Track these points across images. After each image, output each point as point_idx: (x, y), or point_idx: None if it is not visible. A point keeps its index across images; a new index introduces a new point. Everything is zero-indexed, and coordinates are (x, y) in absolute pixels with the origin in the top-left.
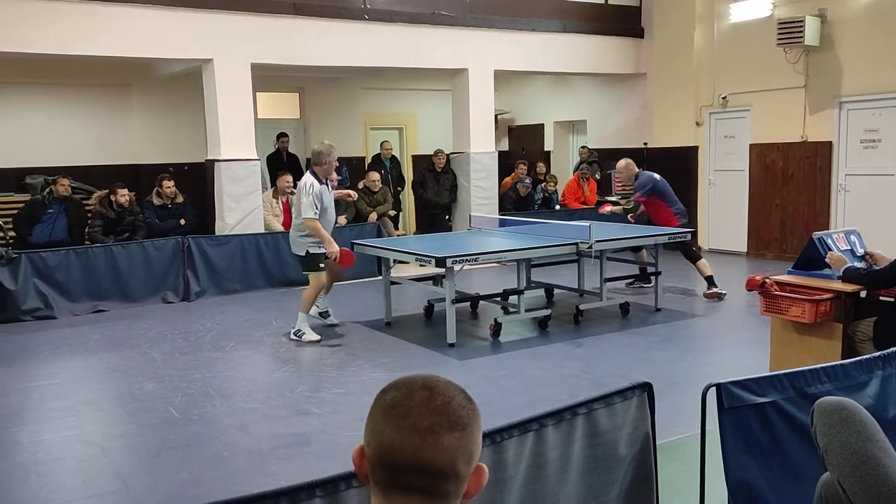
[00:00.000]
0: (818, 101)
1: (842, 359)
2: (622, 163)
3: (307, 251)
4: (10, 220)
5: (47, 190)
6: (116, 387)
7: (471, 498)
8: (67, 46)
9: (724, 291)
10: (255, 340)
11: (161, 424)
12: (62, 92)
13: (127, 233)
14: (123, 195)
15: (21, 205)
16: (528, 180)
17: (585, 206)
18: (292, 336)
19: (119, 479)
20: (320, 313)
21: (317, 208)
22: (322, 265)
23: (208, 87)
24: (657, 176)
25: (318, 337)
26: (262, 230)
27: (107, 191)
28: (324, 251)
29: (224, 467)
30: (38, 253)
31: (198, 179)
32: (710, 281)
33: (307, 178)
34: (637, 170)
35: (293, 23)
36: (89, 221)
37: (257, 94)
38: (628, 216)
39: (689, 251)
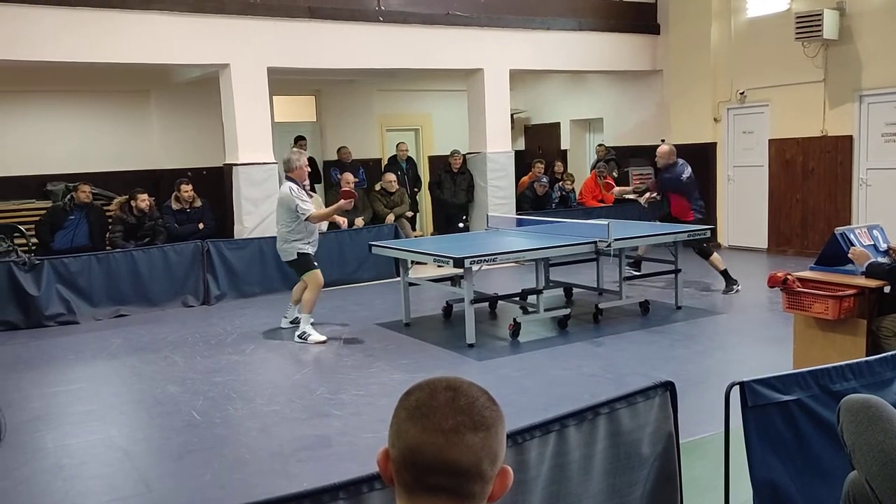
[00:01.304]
0: (838, 95)
1: (866, 355)
2: (665, 148)
3: (298, 253)
4: (33, 226)
5: (68, 196)
6: (139, 391)
7: (496, 501)
8: (86, 54)
9: (738, 285)
10: (275, 343)
11: (184, 428)
12: (81, 99)
13: (147, 238)
14: (143, 200)
15: (43, 211)
16: (545, 179)
17: (603, 205)
18: (297, 339)
19: (143, 483)
20: (290, 322)
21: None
22: (315, 263)
23: (225, 92)
24: (686, 174)
25: (323, 338)
26: None
27: (127, 196)
28: (309, 252)
29: (246, 470)
30: (60, 259)
31: (216, 184)
32: (725, 275)
33: (288, 184)
34: (676, 160)
35: (308, 26)
36: (110, 227)
37: (274, 97)
38: (641, 199)
39: (702, 247)
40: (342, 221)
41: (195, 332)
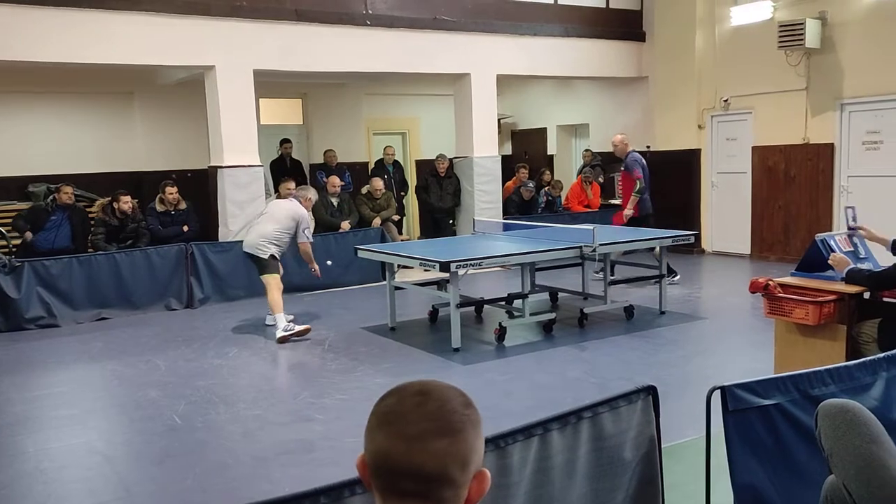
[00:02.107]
0: (820, 104)
1: (846, 360)
2: (619, 137)
3: (271, 255)
4: (11, 227)
5: (50, 198)
6: (120, 395)
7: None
8: (70, 55)
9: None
10: (258, 347)
11: (165, 432)
12: (65, 100)
13: (130, 240)
14: (126, 202)
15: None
16: (531, 184)
17: (589, 210)
18: (281, 334)
19: (123, 488)
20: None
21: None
22: (280, 268)
23: (211, 94)
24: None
25: (307, 326)
26: None
27: (110, 198)
28: (277, 256)
29: (228, 474)
30: (40, 261)
31: (201, 186)
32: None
33: (302, 208)
34: (625, 146)
35: (295, 29)
36: (92, 229)
37: (260, 100)
38: (632, 208)
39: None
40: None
41: (178, 336)
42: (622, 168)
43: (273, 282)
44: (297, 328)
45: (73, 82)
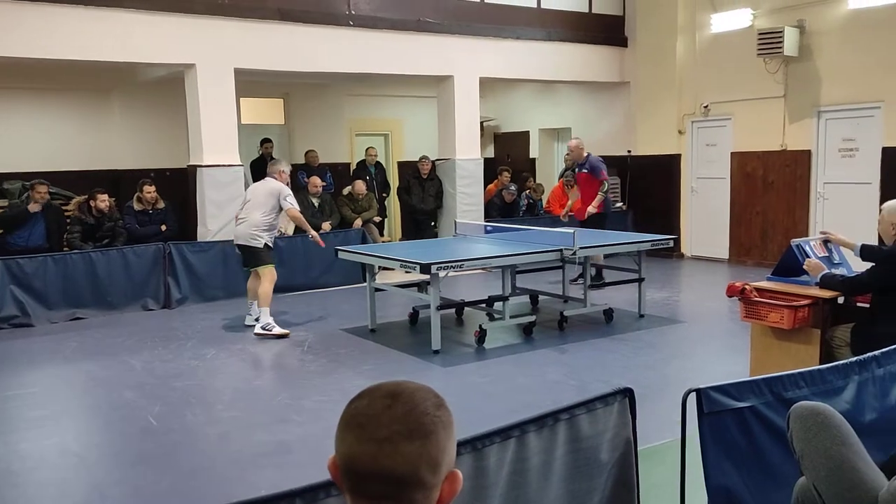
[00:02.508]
0: (797, 111)
1: (820, 364)
2: (574, 142)
3: (266, 244)
4: None
5: (25, 195)
6: (94, 396)
7: None
8: (48, 51)
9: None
10: (236, 348)
11: (140, 434)
12: (42, 97)
13: (106, 239)
14: (103, 201)
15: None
16: (513, 187)
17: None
18: (260, 330)
19: (95, 490)
20: (256, 319)
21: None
22: (266, 262)
23: (191, 92)
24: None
25: (286, 331)
26: None
27: (86, 196)
28: (272, 245)
29: (204, 477)
30: (14, 259)
31: (180, 185)
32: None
33: (278, 182)
34: (582, 150)
35: (277, 28)
36: (68, 227)
37: (241, 99)
38: (597, 205)
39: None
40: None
41: (154, 336)
42: (583, 170)
43: (268, 273)
44: (277, 330)
45: (51, 78)
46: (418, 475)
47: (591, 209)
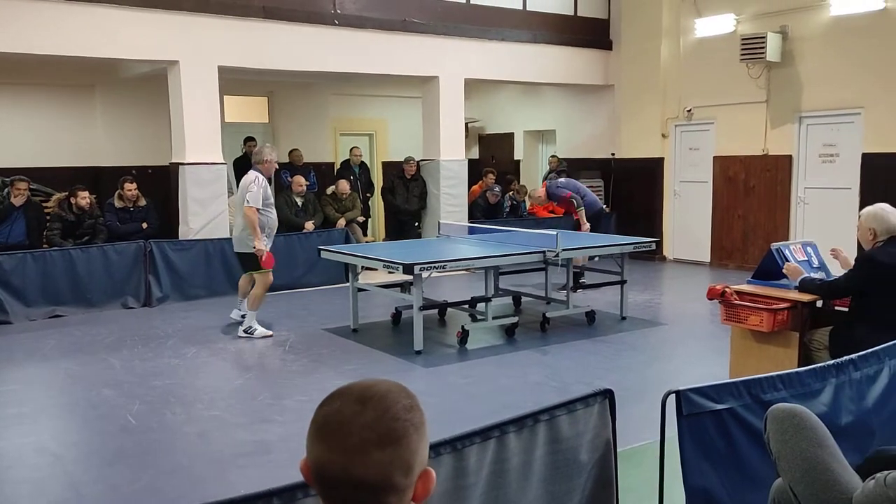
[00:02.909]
0: (779, 116)
1: (798, 367)
2: (538, 192)
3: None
4: None
5: (5, 191)
6: (73, 394)
7: (421, 502)
8: (30, 45)
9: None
10: (217, 347)
11: (118, 432)
12: (23, 92)
13: (87, 236)
14: (84, 197)
15: None
16: (497, 189)
17: (554, 215)
18: (242, 333)
19: (72, 489)
20: (242, 315)
21: (261, 204)
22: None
23: (174, 90)
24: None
25: (269, 332)
26: (228, 235)
27: (67, 193)
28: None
29: (183, 476)
30: None
31: (162, 183)
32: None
33: (253, 173)
34: (543, 190)
35: (262, 26)
36: (48, 224)
37: (225, 97)
38: (585, 221)
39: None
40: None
41: (134, 335)
42: (552, 202)
43: (261, 277)
44: (259, 333)
45: (32, 74)
46: (391, 481)
47: (585, 227)
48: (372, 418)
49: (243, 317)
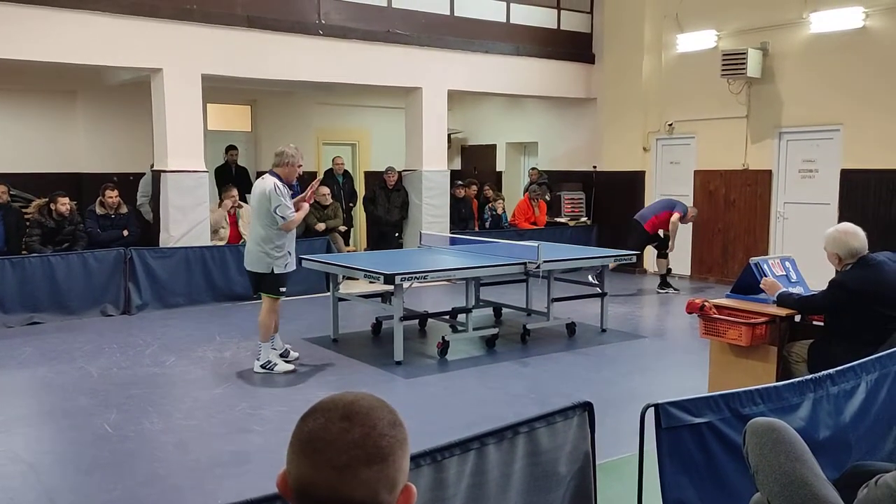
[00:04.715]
0: (759, 131)
1: (777, 380)
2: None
3: (273, 270)
4: None
5: None
6: (48, 402)
7: None
8: (13, 50)
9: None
10: (197, 356)
11: (94, 441)
12: (3, 98)
13: (66, 243)
14: (64, 204)
15: None
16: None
17: (535, 227)
18: (259, 369)
19: (46, 498)
20: (280, 355)
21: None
22: (283, 289)
23: (157, 97)
24: None
25: (291, 367)
26: (209, 243)
27: (47, 199)
28: (286, 272)
29: (159, 485)
30: None
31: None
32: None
33: (271, 179)
34: None
35: (246, 35)
36: (27, 230)
37: (208, 105)
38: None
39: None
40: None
41: (113, 343)
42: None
43: (268, 301)
44: (280, 368)
45: (12, 79)
46: (377, 499)
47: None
48: (360, 435)
49: (282, 355)
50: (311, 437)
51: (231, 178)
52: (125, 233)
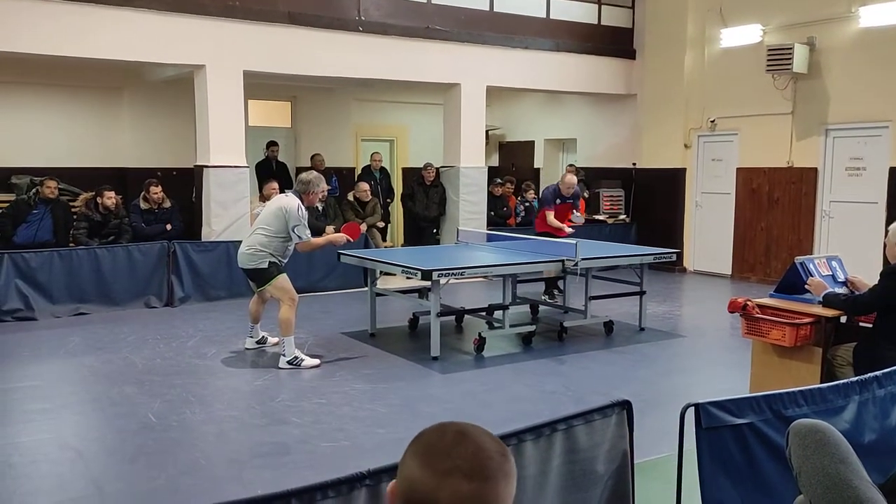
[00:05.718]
0: (805, 128)
1: (821, 383)
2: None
3: (270, 263)
4: None
5: (33, 190)
6: (95, 391)
7: None
8: (60, 47)
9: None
10: (237, 348)
11: (139, 430)
12: (53, 93)
13: (112, 236)
14: (110, 198)
15: (6, 204)
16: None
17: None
18: (285, 364)
19: (93, 484)
20: (257, 342)
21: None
22: (275, 278)
23: (200, 93)
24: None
25: (317, 361)
26: None
27: (93, 193)
28: (278, 262)
29: (201, 475)
30: (20, 253)
31: (186, 185)
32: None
33: (295, 200)
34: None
35: (287, 31)
36: (74, 223)
37: (249, 101)
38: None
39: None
40: (340, 238)
41: (156, 334)
42: (568, 201)
43: (283, 295)
44: (307, 363)
45: (61, 75)
46: None
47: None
48: (469, 450)
49: (259, 342)
50: (426, 442)
51: (271, 173)
52: (168, 227)
